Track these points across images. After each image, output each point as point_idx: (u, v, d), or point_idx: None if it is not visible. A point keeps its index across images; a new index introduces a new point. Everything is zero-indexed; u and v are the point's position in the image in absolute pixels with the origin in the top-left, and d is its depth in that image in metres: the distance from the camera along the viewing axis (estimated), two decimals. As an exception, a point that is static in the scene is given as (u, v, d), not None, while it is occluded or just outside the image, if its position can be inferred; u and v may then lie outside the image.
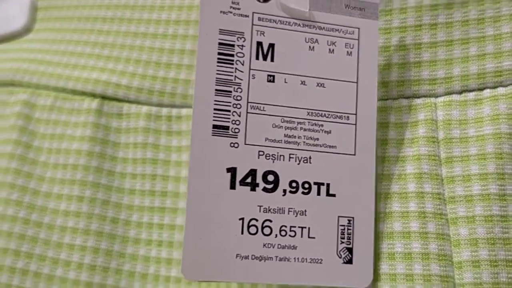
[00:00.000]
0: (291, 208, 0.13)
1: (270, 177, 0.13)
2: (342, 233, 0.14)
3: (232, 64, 0.14)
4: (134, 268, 0.17)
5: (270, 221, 0.13)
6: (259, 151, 0.13)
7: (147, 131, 0.18)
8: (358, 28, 0.14)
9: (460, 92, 0.15)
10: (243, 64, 0.14)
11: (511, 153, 0.14)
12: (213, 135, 0.13)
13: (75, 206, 0.18)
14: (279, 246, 0.13)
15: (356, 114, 0.14)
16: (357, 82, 0.14)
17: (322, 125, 0.14)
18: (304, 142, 0.14)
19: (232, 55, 0.14)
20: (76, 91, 0.20)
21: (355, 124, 0.14)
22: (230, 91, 0.14)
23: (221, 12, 0.14)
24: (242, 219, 0.13)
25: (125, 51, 0.20)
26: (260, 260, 0.13)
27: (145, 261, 0.17)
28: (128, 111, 0.19)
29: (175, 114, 0.18)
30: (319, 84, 0.14)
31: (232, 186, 0.13)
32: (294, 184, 0.14)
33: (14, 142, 0.19)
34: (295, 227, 0.13)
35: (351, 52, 0.14)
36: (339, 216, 0.14)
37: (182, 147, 0.18)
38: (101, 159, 0.18)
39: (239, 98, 0.14)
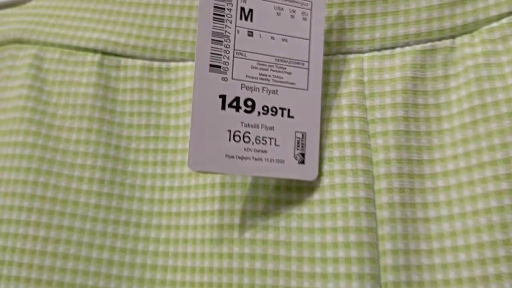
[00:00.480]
0: (263, 125, 0.19)
1: (249, 103, 0.19)
2: (298, 143, 0.19)
3: (223, 22, 0.19)
4: (134, 182, 0.22)
5: (249, 133, 0.19)
6: (242, 84, 0.19)
7: (142, 79, 0.23)
8: (311, 2, 0.20)
9: (380, 50, 0.21)
10: (231, 23, 0.19)
11: (412, 89, 0.20)
12: (210, 71, 0.19)
13: (84, 136, 0.22)
14: (255, 150, 0.19)
15: (308, 62, 0.20)
16: (309, 40, 0.20)
17: (285, 68, 0.20)
18: (273, 79, 0.19)
19: (223, 16, 0.19)
20: (79, 48, 0.24)
21: (308, 69, 0.20)
22: (222, 41, 0.19)
23: (216, -16, 0.19)
24: (229, 130, 0.19)
25: (121, 16, 0.24)
26: (242, 159, 0.19)
27: (143, 177, 0.22)
28: (125, 64, 0.24)
29: (165, 67, 0.23)
30: (284, 39, 0.20)
31: (223, 108, 0.19)
32: (265, 108, 0.19)
33: (28, 87, 0.24)
34: (266, 137, 0.19)
35: (306, 18, 0.20)
36: (296, 131, 0.19)
37: (171, 92, 0.23)
38: (104, 100, 0.23)
39: (228, 46, 0.19)
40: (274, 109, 0.19)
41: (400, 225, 0.19)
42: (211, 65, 0.19)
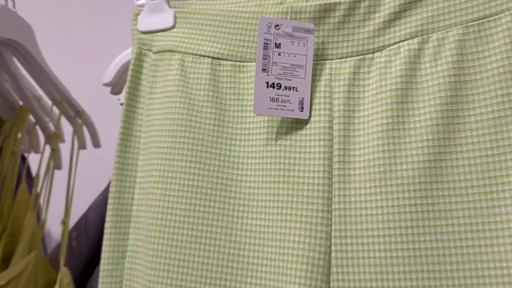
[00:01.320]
0: (285, 94, 0.44)
1: (278, 85, 0.44)
2: (300, 102, 0.44)
3: (267, 49, 0.44)
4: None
5: (278, 98, 0.44)
6: (275, 77, 0.44)
7: (232, 71, 0.48)
8: (307, 38, 0.44)
9: (340, 58, 0.45)
10: (271, 48, 0.44)
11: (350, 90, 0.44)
12: (261, 72, 0.44)
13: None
14: (281, 105, 0.44)
15: (305, 65, 0.44)
16: (306, 55, 0.44)
17: (294, 69, 0.44)
18: (289, 74, 0.44)
19: (268, 45, 0.44)
20: (201, 55, 0.49)
21: (305, 69, 0.44)
22: (266, 57, 0.44)
23: (264, 33, 0.44)
24: (270, 97, 0.44)
25: (220, 37, 0.49)
26: (276, 109, 0.44)
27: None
28: (223, 63, 0.49)
29: (242, 65, 0.48)
30: (294, 56, 0.44)
31: (267, 87, 0.44)
32: (285, 87, 0.44)
33: (179, 78, 0.49)
34: (286, 100, 0.44)
35: (304, 45, 0.44)
36: (299, 97, 0.44)
37: (246, 77, 0.48)
38: (215, 82, 0.48)
39: (269, 59, 0.44)
40: (289, 88, 0.44)
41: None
42: (262, 69, 0.44)
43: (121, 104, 0.55)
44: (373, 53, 0.43)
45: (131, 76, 0.51)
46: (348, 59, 0.44)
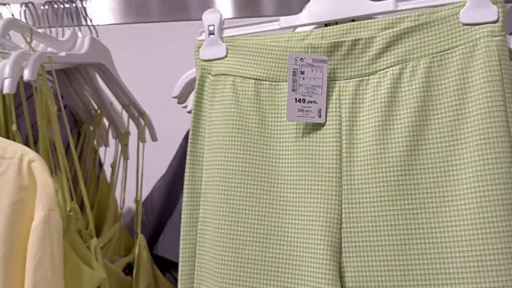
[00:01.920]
0: (308, 106, 0.64)
1: (303, 100, 0.64)
2: (318, 112, 0.64)
3: (295, 75, 0.63)
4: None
5: (303, 109, 0.64)
6: (301, 94, 0.64)
7: (270, 90, 0.68)
8: (323, 66, 0.64)
9: (346, 79, 0.64)
10: (297, 74, 0.64)
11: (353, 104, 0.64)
12: (291, 91, 0.64)
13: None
14: (306, 114, 0.64)
15: (322, 85, 0.64)
16: (322, 78, 0.64)
17: (315, 88, 0.64)
18: (311, 92, 0.64)
19: (296, 72, 0.63)
20: (248, 77, 0.69)
21: (321, 87, 0.64)
22: (294, 81, 0.64)
23: (293, 65, 0.63)
24: (298, 108, 0.64)
25: (259, 63, 0.69)
26: (302, 117, 0.64)
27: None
28: (263, 83, 0.69)
29: (276, 84, 0.68)
30: (313, 79, 0.64)
31: (295, 102, 0.64)
32: (308, 101, 0.64)
33: (231, 96, 0.69)
34: (309, 110, 0.64)
35: (321, 71, 0.64)
36: (318, 108, 0.64)
37: (280, 93, 0.68)
38: (259, 100, 0.68)
39: (296, 82, 0.64)
40: (310, 101, 0.64)
41: None
42: (292, 89, 0.64)
43: (188, 112, 0.76)
44: (369, 75, 0.63)
45: (196, 92, 0.72)
46: (351, 80, 0.64)
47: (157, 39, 1.30)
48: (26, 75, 0.63)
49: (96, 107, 0.99)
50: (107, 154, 1.03)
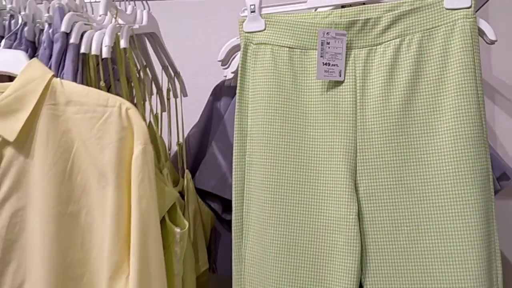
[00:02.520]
0: (333, 64, 0.87)
1: (329, 64, 0.86)
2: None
3: (323, 44, 0.86)
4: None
5: (328, 70, 0.87)
6: (327, 58, 0.86)
7: (300, 57, 0.90)
8: (342, 38, 0.86)
9: (362, 47, 0.87)
10: (325, 44, 0.86)
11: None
12: (320, 56, 0.86)
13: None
14: (330, 73, 0.87)
15: (342, 53, 0.87)
16: (342, 47, 0.86)
17: (337, 54, 0.86)
18: (334, 57, 0.86)
19: (324, 42, 0.86)
20: (283, 46, 0.91)
21: (341, 54, 0.87)
22: (323, 49, 0.86)
23: (321, 37, 0.86)
24: (324, 69, 0.86)
25: (293, 34, 0.91)
26: (327, 76, 0.87)
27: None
28: (296, 51, 0.90)
29: (307, 52, 0.90)
30: (335, 48, 0.86)
31: (323, 65, 0.86)
32: (333, 65, 0.87)
33: (270, 64, 0.91)
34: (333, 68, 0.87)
35: (341, 42, 0.86)
36: (339, 69, 0.87)
37: (311, 59, 0.90)
38: (293, 65, 0.91)
39: (324, 50, 0.86)
40: (334, 65, 0.86)
41: None
42: (320, 56, 0.86)
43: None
44: (376, 46, 0.86)
45: (242, 57, 0.93)
46: (363, 49, 0.87)
47: (189, 15, 1.51)
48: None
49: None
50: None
